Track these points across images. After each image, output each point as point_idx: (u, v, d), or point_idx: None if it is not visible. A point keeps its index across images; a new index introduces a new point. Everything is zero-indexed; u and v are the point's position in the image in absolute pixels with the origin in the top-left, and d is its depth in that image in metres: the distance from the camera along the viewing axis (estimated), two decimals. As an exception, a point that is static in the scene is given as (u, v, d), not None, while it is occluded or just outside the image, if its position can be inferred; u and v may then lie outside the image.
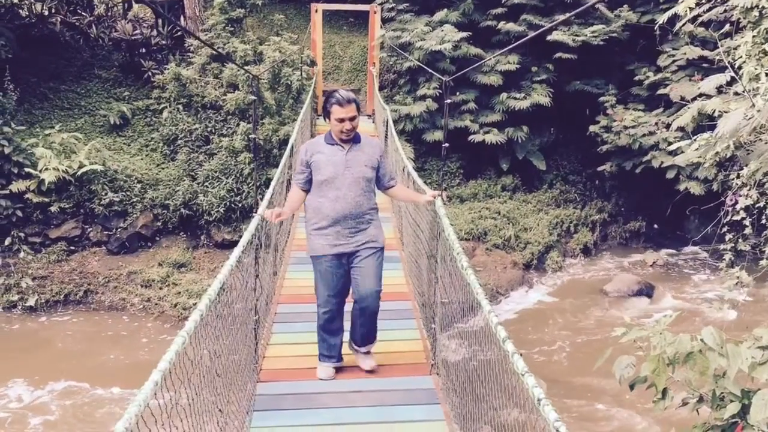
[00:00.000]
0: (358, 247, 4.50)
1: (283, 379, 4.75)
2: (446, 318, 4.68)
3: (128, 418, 2.04)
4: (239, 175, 13.39)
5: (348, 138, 4.45)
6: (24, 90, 14.05)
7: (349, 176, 4.42)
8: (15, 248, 12.19)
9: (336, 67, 19.49)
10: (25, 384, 9.26)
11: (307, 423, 4.15)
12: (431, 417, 4.19)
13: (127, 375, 9.36)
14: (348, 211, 4.43)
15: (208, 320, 3.16)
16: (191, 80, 14.26)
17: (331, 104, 4.40)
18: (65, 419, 8.53)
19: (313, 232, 4.54)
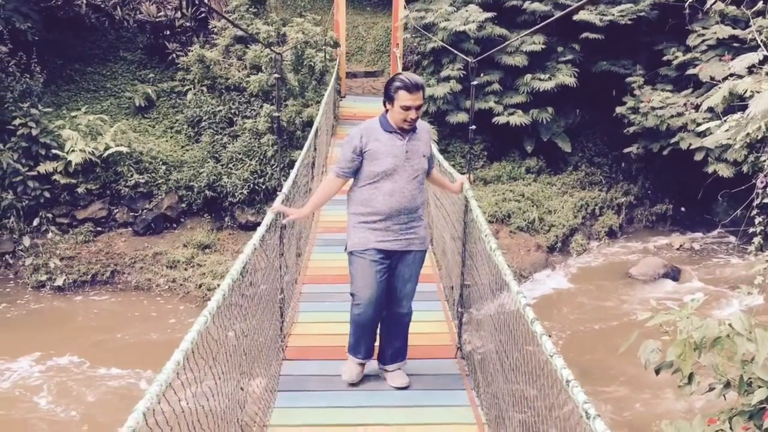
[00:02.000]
0: (407, 247, 4.11)
1: (309, 357, 4.76)
2: (472, 300, 4.65)
3: (149, 398, 2.06)
4: (263, 157, 13.43)
5: (409, 128, 4.01)
6: (51, 72, 14.17)
7: (408, 168, 4.02)
8: (43, 229, 12.37)
9: (359, 49, 19.40)
10: (51, 361, 9.40)
11: (332, 405, 4.14)
12: (456, 402, 4.16)
13: (152, 354, 9.47)
14: (403, 206, 4.02)
15: (231, 300, 3.17)
16: (215, 62, 14.29)
17: (396, 88, 3.90)
18: (89, 397, 8.67)
19: (359, 225, 4.10)
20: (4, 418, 8.27)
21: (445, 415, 4.00)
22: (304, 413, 4.05)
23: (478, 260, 4.34)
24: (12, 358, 9.48)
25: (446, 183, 4.78)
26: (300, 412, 4.06)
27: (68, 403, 8.52)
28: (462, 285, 4.93)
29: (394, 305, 4.22)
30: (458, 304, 4.99)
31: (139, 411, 1.97)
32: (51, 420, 8.24)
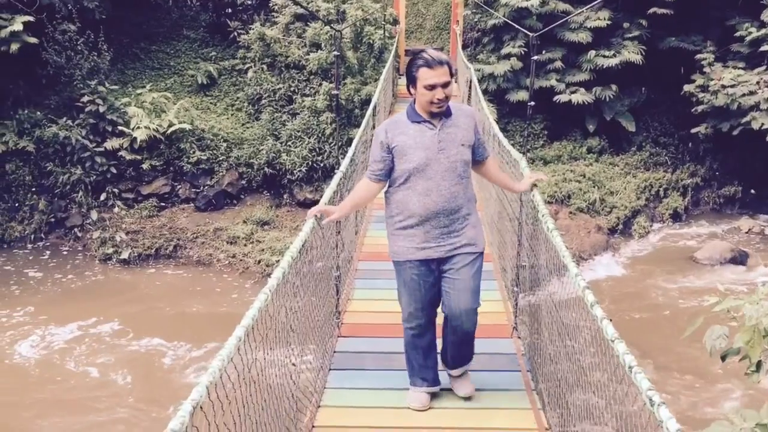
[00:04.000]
0: (452, 251, 3.59)
1: (364, 335, 4.78)
2: (529, 281, 4.58)
3: (212, 372, 2.10)
4: (321, 135, 13.50)
5: (439, 111, 3.46)
6: (117, 50, 14.54)
7: (443, 161, 3.48)
8: (110, 203, 12.78)
9: (419, 26, 19.22)
10: (114, 332, 9.74)
11: (385, 386, 4.09)
12: (511, 386, 4.08)
13: (212, 327, 9.70)
14: (441, 206, 3.50)
15: (289, 278, 3.19)
16: (275, 40, 14.38)
17: (416, 67, 3.41)
18: (140, 366, 8.97)
19: (396, 232, 3.65)
20: (51, 379, 8.62)
21: (500, 399, 3.93)
22: (357, 394, 4.02)
23: (534, 241, 4.25)
24: (67, 324, 9.88)
25: (507, 181, 4.13)
26: (353, 393, 4.02)
27: (118, 370, 8.82)
28: (518, 265, 4.85)
29: (451, 319, 3.71)
30: (513, 284, 4.92)
31: (202, 385, 2.01)
32: (98, 385, 8.56)
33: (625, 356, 2.29)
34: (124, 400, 8.21)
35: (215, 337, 9.31)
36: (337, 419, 3.77)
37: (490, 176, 3.99)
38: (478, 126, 3.75)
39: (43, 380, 8.57)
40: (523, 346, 4.56)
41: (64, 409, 7.95)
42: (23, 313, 10.18)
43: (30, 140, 12.66)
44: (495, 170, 3.98)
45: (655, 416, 1.99)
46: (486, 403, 3.87)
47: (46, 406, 8.02)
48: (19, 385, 8.45)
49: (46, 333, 9.67)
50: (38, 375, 8.71)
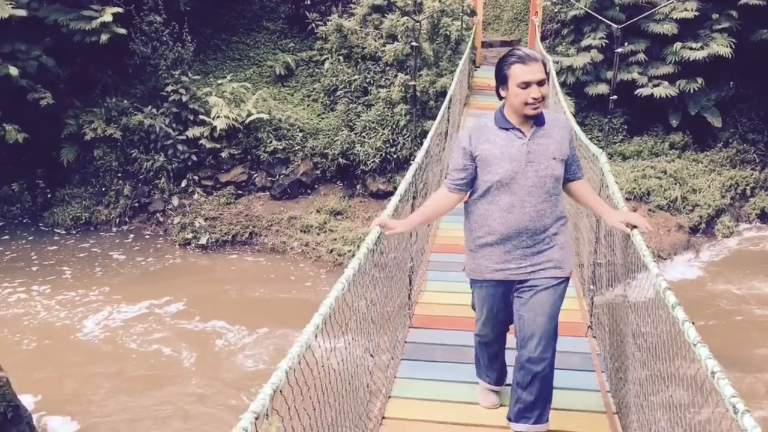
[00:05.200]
0: (533, 273, 3.27)
1: (436, 326, 4.79)
2: (606, 279, 4.47)
3: (291, 357, 2.15)
4: (395, 127, 13.54)
5: (535, 112, 3.13)
6: (200, 41, 14.96)
7: (531, 175, 3.16)
8: (190, 190, 13.21)
9: (496, 17, 18.97)
10: (182, 312, 10.05)
11: (455, 378, 4.09)
12: (586, 386, 4.01)
13: (285, 314, 9.90)
14: (524, 225, 3.20)
15: (365, 268, 3.23)
16: (352, 31, 14.49)
17: (509, 64, 3.11)
18: (215, 348, 9.21)
19: (475, 249, 3.37)
20: (118, 354, 8.99)
21: (573, 399, 3.86)
22: (427, 386, 4.04)
23: (611, 238, 4.14)
24: (137, 303, 10.29)
25: (599, 206, 3.53)
26: (423, 385, 4.05)
27: (183, 350, 9.10)
28: (594, 263, 4.75)
29: (522, 344, 3.31)
30: (590, 281, 4.82)
31: (282, 369, 2.06)
32: (163, 363, 8.85)
33: (708, 361, 2.20)
34: (188, 379, 8.45)
35: (286, 322, 9.51)
36: (407, 411, 3.79)
37: (580, 199, 3.52)
38: (573, 138, 3.36)
39: (110, 356, 8.96)
40: (599, 346, 4.46)
41: (130, 385, 8.28)
42: (98, 293, 10.64)
43: (117, 127, 13.21)
44: (586, 193, 3.50)
45: (739, 424, 1.91)
46: (558, 403, 3.80)
47: (114, 381, 8.37)
48: (88, 360, 8.85)
49: (115, 311, 10.09)
50: (106, 351, 9.10)
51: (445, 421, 3.70)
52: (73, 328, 9.59)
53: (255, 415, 1.82)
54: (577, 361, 4.30)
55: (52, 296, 10.48)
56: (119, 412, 7.68)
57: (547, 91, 3.18)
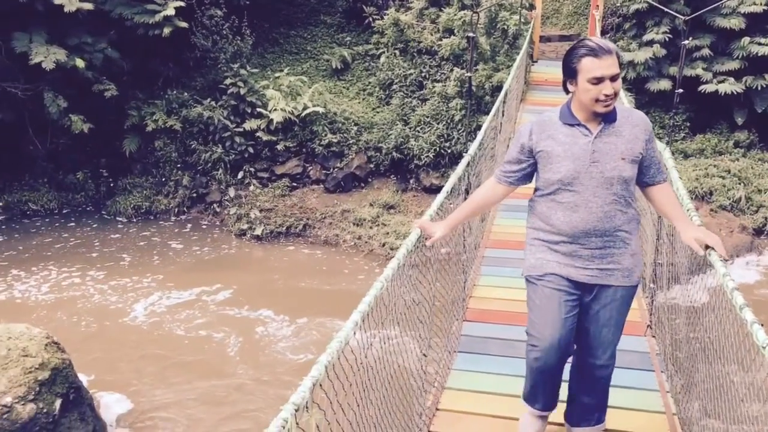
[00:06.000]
0: (602, 280, 3.02)
1: (489, 320, 4.76)
2: (667, 278, 4.36)
3: (330, 352, 2.19)
4: (450, 121, 13.47)
5: (606, 110, 2.86)
6: (258, 35, 15.18)
7: (596, 175, 2.92)
8: (246, 182, 13.43)
9: (555, 11, 18.66)
10: (242, 303, 10.21)
11: (510, 372, 4.06)
12: (644, 385, 3.92)
13: (334, 306, 9.98)
14: (591, 225, 2.95)
15: (413, 260, 3.22)
16: (409, 25, 14.47)
17: (578, 57, 2.84)
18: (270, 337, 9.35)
19: (535, 242, 3.13)
20: (165, 339, 9.22)
21: (632, 399, 3.78)
22: (482, 378, 4.04)
23: (674, 237, 4.03)
24: (188, 290, 10.54)
25: (676, 218, 3.10)
26: (478, 377, 4.05)
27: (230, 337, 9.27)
28: (655, 261, 4.63)
29: (585, 352, 3.17)
30: (650, 280, 4.71)
31: (321, 363, 2.09)
32: (209, 348, 9.04)
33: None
34: (232, 365, 8.62)
35: (335, 314, 9.58)
36: (461, 403, 3.78)
37: (657, 206, 3.16)
38: (652, 140, 3.02)
39: (158, 339, 9.22)
40: (658, 345, 4.36)
41: (177, 369, 8.49)
42: (152, 280, 10.93)
43: (177, 119, 13.52)
44: (665, 200, 3.09)
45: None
46: (616, 402, 3.72)
47: (162, 364, 8.61)
48: (137, 343, 9.12)
49: (165, 297, 10.38)
50: (154, 335, 9.36)
51: (498, 415, 3.67)
52: (124, 312, 9.91)
53: (295, 407, 1.87)
54: (636, 360, 4.21)
55: (106, 281, 10.84)
56: (167, 394, 7.91)
57: (620, 87, 2.89)
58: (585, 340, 3.12)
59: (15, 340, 6.10)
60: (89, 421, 6.44)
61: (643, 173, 3.04)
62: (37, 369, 5.97)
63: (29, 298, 10.26)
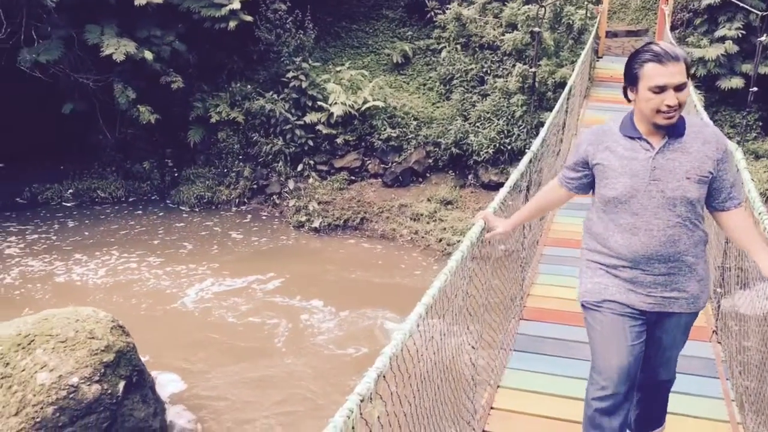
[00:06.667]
0: (665, 308, 2.78)
1: (546, 320, 4.70)
2: (734, 283, 4.21)
3: (395, 344, 2.19)
4: (510, 117, 13.31)
5: (668, 122, 2.61)
6: (321, 29, 15.31)
7: (655, 195, 2.66)
8: (305, 174, 13.59)
9: (623, 6, 18.21)
10: (294, 293, 10.30)
11: (566, 374, 4.01)
12: (708, 393, 3.79)
13: (391, 299, 9.99)
14: (653, 250, 2.70)
15: (468, 260, 3.20)
16: (471, 20, 14.35)
17: (641, 62, 2.60)
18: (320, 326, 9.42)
19: (592, 265, 2.89)
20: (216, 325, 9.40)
21: (695, 406, 3.67)
22: (537, 378, 3.99)
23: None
24: (240, 278, 10.72)
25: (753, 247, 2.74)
26: (533, 377, 4.00)
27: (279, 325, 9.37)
28: (723, 266, 4.48)
29: (646, 372, 2.99)
30: (717, 284, 4.56)
31: (386, 355, 2.09)
32: (260, 336, 9.15)
33: None
34: (281, 352, 8.71)
35: (394, 309, 9.59)
36: (515, 403, 3.75)
37: (731, 233, 2.84)
38: (725, 160, 2.70)
39: (210, 324, 9.42)
40: (724, 352, 4.21)
41: (228, 353, 8.67)
42: (207, 267, 11.16)
43: (240, 112, 13.77)
44: (742, 228, 2.79)
45: None
46: (678, 408, 3.62)
47: (214, 348, 8.80)
48: (190, 327, 9.34)
49: (217, 283, 10.58)
50: (206, 320, 9.56)
51: (553, 416, 3.62)
52: (177, 296, 10.17)
53: (360, 398, 1.87)
54: (700, 367, 4.08)
55: (162, 267, 11.13)
56: (218, 376, 8.10)
57: (686, 98, 2.62)
58: (646, 361, 2.91)
59: (82, 323, 6.32)
60: (150, 403, 6.63)
61: (713, 197, 2.74)
62: (103, 351, 6.17)
63: (87, 281, 10.64)
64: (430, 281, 2.76)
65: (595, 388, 2.82)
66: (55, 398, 5.76)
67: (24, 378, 5.77)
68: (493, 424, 3.57)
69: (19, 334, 6.05)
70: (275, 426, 7.21)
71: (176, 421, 7.20)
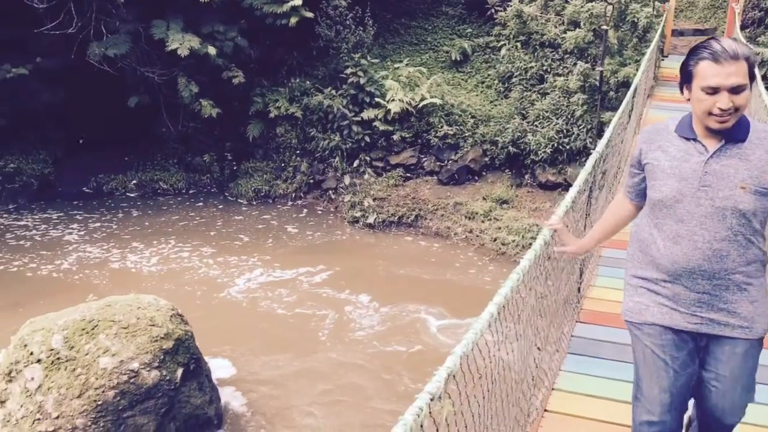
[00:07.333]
0: (712, 330, 2.55)
1: (603, 323, 4.60)
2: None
3: (466, 343, 2.18)
4: (570, 117, 13.08)
5: (719, 127, 2.42)
6: (380, 25, 15.36)
7: (704, 203, 2.45)
8: (361, 170, 13.66)
9: (690, 4, 17.69)
10: (343, 287, 10.36)
11: (623, 378, 3.89)
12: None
13: (450, 299, 9.95)
14: (695, 263, 2.48)
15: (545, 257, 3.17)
16: (532, 17, 14.16)
17: (696, 59, 2.41)
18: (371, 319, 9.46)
19: (633, 281, 2.73)
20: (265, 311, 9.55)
21: (763, 415, 3.54)
22: (594, 382, 3.92)
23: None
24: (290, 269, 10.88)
25: None
26: (589, 380, 3.94)
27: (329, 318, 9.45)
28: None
29: (705, 407, 2.68)
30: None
31: (456, 354, 2.09)
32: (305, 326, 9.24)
33: None
34: (326, 343, 8.80)
35: (450, 308, 9.56)
36: (570, 406, 3.69)
37: None
38: None
39: (258, 314, 9.57)
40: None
41: (276, 342, 8.78)
42: (257, 259, 11.35)
43: (298, 107, 13.94)
44: None
45: None
46: (762, 420, 3.48)
47: (263, 337, 8.94)
48: (239, 315, 9.51)
49: (266, 274, 10.75)
50: (254, 309, 9.71)
51: (608, 421, 3.56)
52: (226, 285, 10.39)
53: (430, 396, 1.87)
54: None
55: (214, 257, 11.37)
56: (266, 364, 8.25)
57: (744, 101, 2.38)
58: (703, 394, 2.63)
59: (143, 310, 6.51)
60: (206, 391, 6.79)
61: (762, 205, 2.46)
62: (162, 338, 6.34)
63: (141, 268, 10.97)
64: (485, 280, 2.75)
65: (641, 410, 2.68)
66: (116, 382, 5.95)
67: (87, 362, 5.98)
68: (547, 426, 3.53)
69: (84, 319, 6.26)
70: (321, 414, 7.32)
71: (230, 402, 7.41)
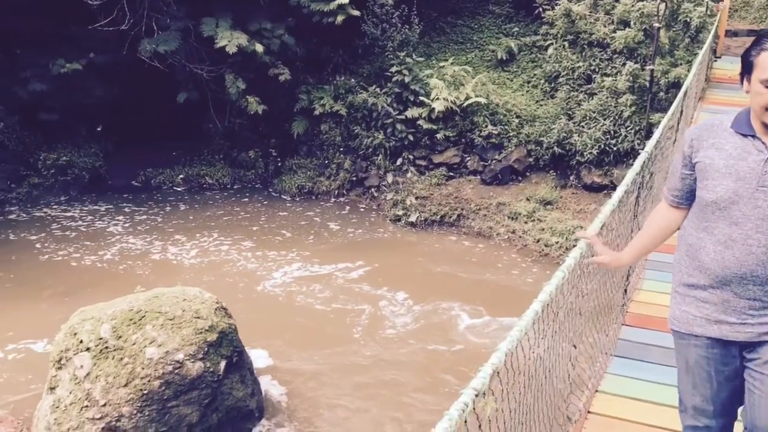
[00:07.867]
0: (762, 336, 2.45)
1: (650, 327, 4.53)
2: None
3: (510, 341, 2.19)
4: (618, 118, 12.87)
5: None
6: (426, 24, 15.34)
7: (762, 204, 2.34)
8: (404, 168, 13.66)
9: (745, 3, 17.24)
10: (381, 284, 10.38)
11: (669, 382, 3.82)
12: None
13: (489, 299, 9.89)
14: (749, 269, 2.38)
15: (589, 255, 3.14)
16: (581, 16, 13.96)
17: (758, 50, 2.31)
18: (407, 316, 9.49)
19: (680, 289, 2.63)
20: (302, 305, 9.66)
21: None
22: (639, 386, 3.88)
23: None
24: (327, 265, 10.99)
25: None
26: (634, 384, 3.90)
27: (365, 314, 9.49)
28: None
29: (758, 422, 2.52)
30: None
31: (501, 351, 2.09)
32: (342, 320, 9.28)
33: None
34: (362, 338, 8.83)
35: (491, 307, 9.51)
36: (614, 408, 3.65)
37: None
38: None
39: (294, 307, 9.66)
40: None
41: (312, 335, 8.86)
42: (296, 254, 11.45)
43: (343, 104, 14.01)
44: None
45: None
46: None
47: (299, 329, 9.04)
48: (275, 308, 9.61)
49: (303, 268, 10.85)
50: (292, 303, 9.81)
51: (653, 425, 3.52)
52: (264, 278, 10.52)
53: (475, 392, 1.88)
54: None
55: (253, 251, 11.51)
56: (303, 357, 8.34)
57: None
58: (754, 413, 2.51)
59: (189, 302, 6.63)
60: (248, 384, 6.88)
61: None
62: (207, 331, 6.45)
63: (182, 260, 11.17)
64: (527, 281, 2.75)
65: (685, 415, 2.70)
66: (162, 372, 6.07)
67: (134, 351, 6.12)
68: (590, 427, 3.49)
69: (131, 310, 6.41)
70: (358, 407, 7.38)
71: (269, 390, 7.54)
